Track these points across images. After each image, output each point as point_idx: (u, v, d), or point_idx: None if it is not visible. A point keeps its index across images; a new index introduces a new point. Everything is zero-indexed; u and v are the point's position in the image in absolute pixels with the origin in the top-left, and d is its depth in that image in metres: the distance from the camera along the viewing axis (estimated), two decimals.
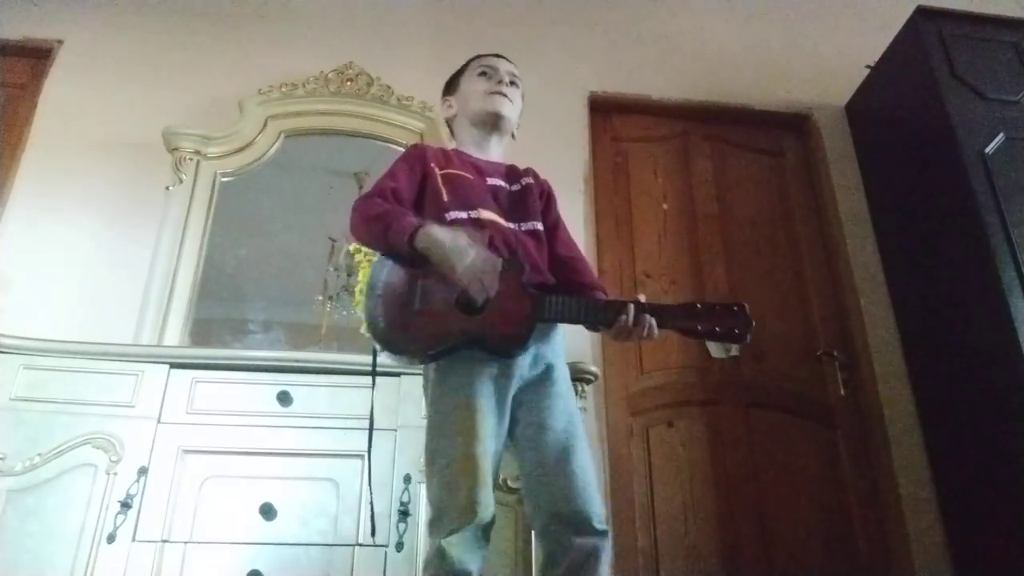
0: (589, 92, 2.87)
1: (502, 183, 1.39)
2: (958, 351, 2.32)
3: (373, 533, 1.54)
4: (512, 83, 1.45)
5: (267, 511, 1.62)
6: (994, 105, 2.44)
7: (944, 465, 2.34)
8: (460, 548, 1.08)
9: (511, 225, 1.31)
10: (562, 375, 1.28)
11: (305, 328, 2.41)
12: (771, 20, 3.17)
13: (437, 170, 1.33)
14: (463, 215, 1.28)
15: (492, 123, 1.43)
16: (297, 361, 1.82)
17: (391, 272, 1.25)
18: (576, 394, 1.82)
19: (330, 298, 2.38)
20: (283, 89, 2.60)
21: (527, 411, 1.22)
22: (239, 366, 1.80)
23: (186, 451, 1.67)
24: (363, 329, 2.14)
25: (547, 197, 1.44)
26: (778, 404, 2.48)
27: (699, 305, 1.19)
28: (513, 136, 1.50)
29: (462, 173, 1.35)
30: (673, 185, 2.81)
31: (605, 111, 2.89)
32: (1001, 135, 2.36)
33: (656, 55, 3.01)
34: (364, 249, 2.20)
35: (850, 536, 2.32)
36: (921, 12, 2.60)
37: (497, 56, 1.49)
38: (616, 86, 2.90)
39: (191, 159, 2.42)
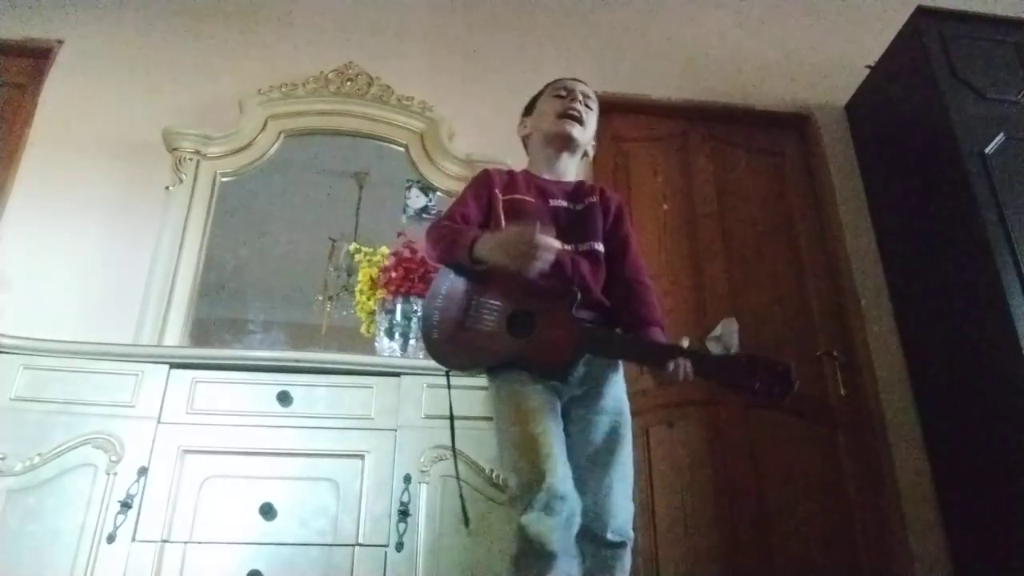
0: None
1: (565, 203, 1.41)
2: (958, 351, 2.32)
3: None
4: (586, 105, 1.50)
5: (267, 511, 1.62)
6: (994, 105, 2.44)
7: (944, 465, 2.34)
8: (538, 525, 1.09)
9: (568, 247, 1.32)
10: (611, 391, 1.29)
11: (305, 328, 2.41)
12: (771, 20, 3.17)
13: (500, 196, 1.39)
14: None
15: (562, 144, 1.47)
16: (297, 361, 1.82)
17: (451, 286, 1.30)
18: None
19: (330, 298, 2.38)
20: (283, 89, 2.60)
21: (572, 423, 1.26)
22: (239, 366, 1.79)
23: (186, 451, 1.66)
24: (362, 328, 2.14)
25: (616, 214, 1.44)
26: (778, 404, 2.48)
27: (744, 359, 1.14)
28: (587, 154, 1.54)
29: (524, 198, 1.39)
30: (673, 185, 2.81)
31: (605, 111, 2.86)
32: (1001, 135, 2.36)
33: (656, 55, 3.01)
34: (364, 249, 2.21)
35: (850, 536, 2.32)
36: (921, 12, 2.60)
37: (575, 79, 1.56)
38: (616, 86, 2.90)
39: (191, 159, 2.42)
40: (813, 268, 2.73)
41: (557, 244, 1.18)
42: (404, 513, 1.64)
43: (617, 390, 1.30)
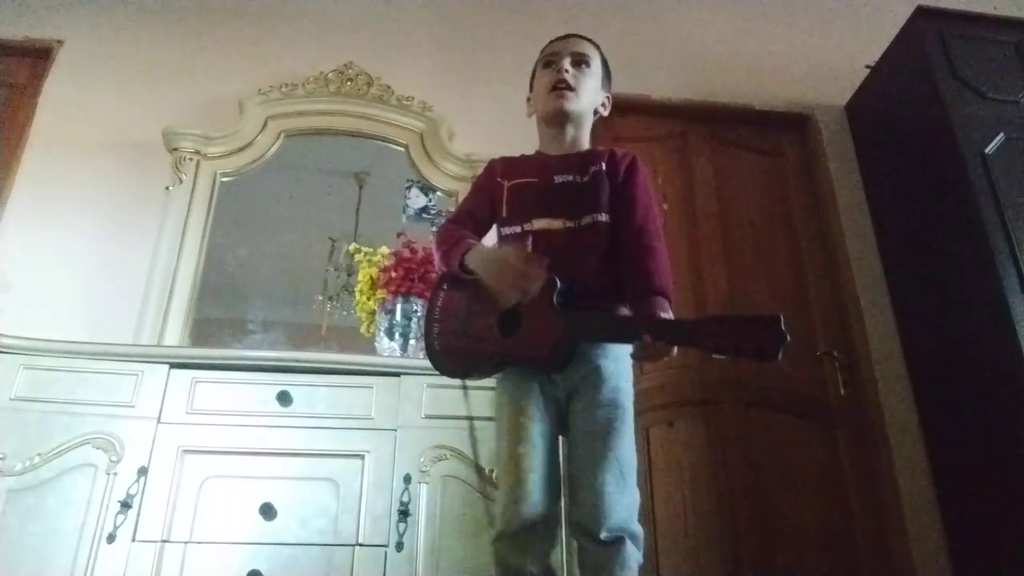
0: None
1: (571, 177, 1.35)
2: (958, 351, 2.32)
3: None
4: (579, 63, 1.41)
5: (267, 511, 1.62)
6: (994, 105, 2.44)
7: (944, 465, 2.34)
8: (507, 547, 1.15)
9: (571, 224, 1.28)
10: (608, 379, 1.21)
11: (305, 328, 2.41)
12: (771, 20, 3.17)
13: (505, 183, 1.38)
14: (516, 228, 1.33)
15: (560, 120, 1.40)
16: (297, 361, 1.81)
17: (446, 299, 1.33)
18: None
19: (330, 298, 2.38)
20: (283, 89, 2.60)
21: (573, 418, 1.23)
22: (239, 366, 1.79)
23: (186, 451, 1.66)
24: (362, 328, 2.15)
25: (625, 175, 1.34)
26: (778, 404, 2.48)
27: (724, 318, 1.04)
28: (597, 112, 1.48)
29: (528, 180, 1.37)
30: (673, 185, 2.81)
31: None
32: (1001, 135, 2.36)
33: (656, 55, 3.01)
34: (364, 249, 2.21)
35: (850, 536, 2.32)
36: (921, 12, 2.60)
37: (564, 38, 1.46)
38: (616, 86, 2.88)
39: (191, 159, 2.42)
40: (813, 268, 2.73)
41: (542, 275, 1.16)
42: (404, 513, 1.64)
43: (616, 380, 1.22)
